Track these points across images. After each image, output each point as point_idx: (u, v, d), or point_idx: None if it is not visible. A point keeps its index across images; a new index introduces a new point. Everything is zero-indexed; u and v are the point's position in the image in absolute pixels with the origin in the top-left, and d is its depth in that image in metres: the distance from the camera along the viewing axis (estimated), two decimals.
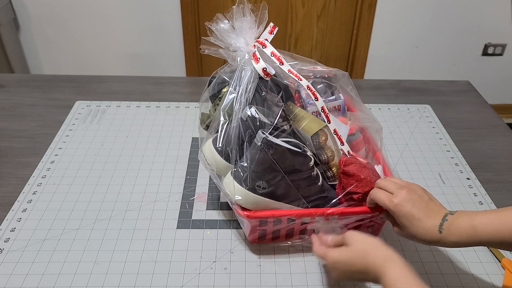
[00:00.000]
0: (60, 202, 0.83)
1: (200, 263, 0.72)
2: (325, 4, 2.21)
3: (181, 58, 2.28)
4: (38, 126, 1.05)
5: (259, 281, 0.69)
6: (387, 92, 1.24)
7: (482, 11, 2.19)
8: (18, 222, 0.78)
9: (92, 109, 1.12)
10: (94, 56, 2.29)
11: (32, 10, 2.14)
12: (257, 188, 0.67)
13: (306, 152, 0.69)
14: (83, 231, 0.77)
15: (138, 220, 0.80)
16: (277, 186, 0.67)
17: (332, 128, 0.77)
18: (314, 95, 0.76)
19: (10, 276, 0.69)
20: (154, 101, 1.16)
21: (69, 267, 0.71)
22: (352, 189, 0.70)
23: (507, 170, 0.95)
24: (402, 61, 2.34)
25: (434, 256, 0.74)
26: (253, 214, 0.68)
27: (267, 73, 0.73)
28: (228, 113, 0.73)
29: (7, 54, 2.12)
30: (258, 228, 0.72)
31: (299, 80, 0.76)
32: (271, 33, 0.76)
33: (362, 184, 0.70)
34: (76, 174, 0.90)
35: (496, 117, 1.14)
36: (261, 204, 0.68)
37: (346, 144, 0.77)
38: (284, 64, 0.76)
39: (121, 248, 0.74)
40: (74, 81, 1.25)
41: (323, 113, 0.77)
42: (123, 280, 0.69)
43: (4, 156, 0.95)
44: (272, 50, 0.75)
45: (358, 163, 0.72)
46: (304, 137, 0.75)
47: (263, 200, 0.68)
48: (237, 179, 0.68)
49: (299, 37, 2.31)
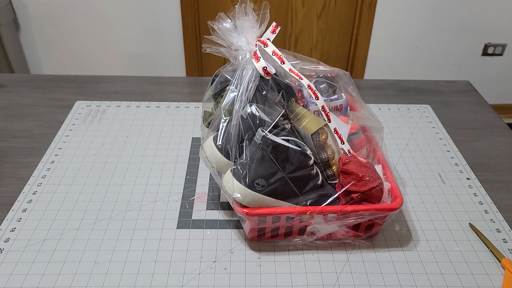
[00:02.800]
0: (60, 202, 0.83)
1: (200, 263, 0.72)
2: (325, 4, 2.21)
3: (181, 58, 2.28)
4: (38, 126, 1.05)
5: (259, 281, 0.69)
6: (387, 92, 1.24)
7: (482, 11, 2.19)
8: (18, 222, 0.78)
9: (92, 109, 1.12)
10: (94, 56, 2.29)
11: (32, 10, 2.14)
12: (256, 186, 0.67)
13: (306, 150, 0.70)
14: (83, 231, 0.77)
15: (138, 220, 0.80)
16: (276, 184, 0.67)
17: (333, 127, 0.77)
18: (315, 94, 0.77)
19: (10, 276, 0.69)
20: (154, 101, 1.16)
21: (69, 267, 0.71)
22: (350, 188, 0.70)
23: (507, 170, 0.95)
24: (402, 61, 2.34)
25: (434, 256, 0.74)
26: (252, 212, 0.68)
27: (267, 72, 0.73)
28: (229, 111, 0.73)
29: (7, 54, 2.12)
30: (257, 226, 0.72)
31: (300, 79, 0.76)
32: (274, 32, 0.76)
33: (361, 183, 0.70)
34: (76, 174, 0.90)
35: (496, 117, 1.14)
36: (260, 202, 0.68)
37: (346, 143, 0.77)
38: (286, 63, 0.76)
39: (121, 248, 0.74)
40: (74, 81, 1.25)
41: (324, 112, 0.77)
42: (123, 280, 0.69)
43: (4, 156, 0.95)
44: (273, 49, 0.76)
45: (358, 162, 0.72)
46: (304, 136, 0.75)
47: (262, 197, 0.68)
48: (236, 176, 0.68)
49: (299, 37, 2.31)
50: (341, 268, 0.72)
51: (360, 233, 0.75)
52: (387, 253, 0.75)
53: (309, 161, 0.70)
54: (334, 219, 0.71)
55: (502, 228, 0.80)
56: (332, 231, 0.74)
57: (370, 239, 0.77)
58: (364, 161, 0.74)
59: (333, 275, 0.70)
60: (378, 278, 0.70)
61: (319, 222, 0.71)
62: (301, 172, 0.69)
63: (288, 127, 0.72)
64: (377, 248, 0.76)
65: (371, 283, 0.69)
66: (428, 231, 0.79)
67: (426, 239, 0.77)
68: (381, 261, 0.73)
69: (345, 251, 0.75)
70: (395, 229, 0.79)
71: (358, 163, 0.72)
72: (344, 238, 0.76)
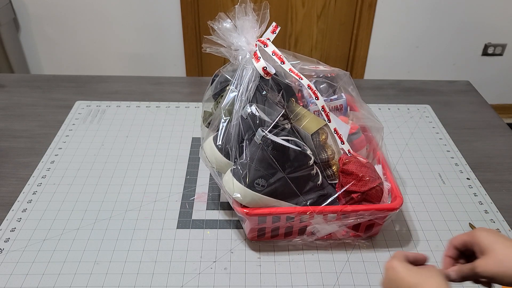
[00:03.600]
0: (60, 202, 0.83)
1: (200, 263, 0.72)
2: (325, 4, 2.21)
3: (181, 58, 2.28)
4: (38, 126, 1.05)
5: (259, 281, 0.69)
6: (387, 92, 1.24)
7: (482, 11, 2.19)
8: (18, 222, 0.78)
9: (92, 109, 1.12)
10: (94, 56, 2.29)
11: (32, 10, 2.14)
12: (256, 186, 0.67)
13: (306, 150, 0.69)
14: (83, 231, 0.77)
15: (138, 220, 0.80)
16: (276, 184, 0.67)
17: (333, 127, 0.77)
18: (315, 94, 0.77)
19: (10, 276, 0.69)
20: (154, 101, 1.16)
21: (69, 267, 0.71)
22: (350, 188, 0.70)
23: (507, 170, 0.95)
24: (402, 61, 2.34)
25: (434, 256, 0.74)
26: (252, 212, 0.68)
27: (267, 72, 0.73)
28: (228, 111, 0.73)
29: (7, 54, 2.11)
30: (257, 226, 0.72)
31: (300, 79, 0.76)
32: (274, 32, 0.76)
33: (360, 183, 0.70)
34: (76, 174, 0.90)
35: (496, 117, 1.14)
36: (260, 202, 0.68)
37: (346, 143, 0.77)
38: (286, 63, 0.76)
39: (121, 248, 0.74)
40: (74, 81, 1.25)
41: (324, 112, 0.77)
42: (123, 280, 0.69)
43: (4, 156, 0.95)
44: (273, 49, 0.76)
45: (358, 162, 0.72)
46: (304, 136, 0.75)
47: (262, 198, 0.68)
48: (236, 176, 0.68)
49: (299, 37, 2.31)
50: (341, 268, 0.72)
51: (360, 233, 0.75)
52: (387, 253, 0.75)
53: (309, 161, 0.70)
54: (334, 219, 0.71)
55: (502, 228, 0.80)
56: (332, 231, 0.74)
57: (370, 239, 0.77)
58: (364, 161, 0.73)
59: (333, 275, 0.70)
60: (378, 278, 0.70)
61: (319, 222, 0.71)
62: (301, 172, 0.69)
63: (288, 127, 0.72)
64: (377, 248, 0.76)
65: (371, 283, 0.69)
66: (428, 231, 0.79)
67: (426, 239, 0.77)
68: (381, 261, 0.73)
69: (345, 251, 0.75)
70: (395, 229, 0.79)
71: (358, 163, 0.72)
72: (344, 238, 0.76)
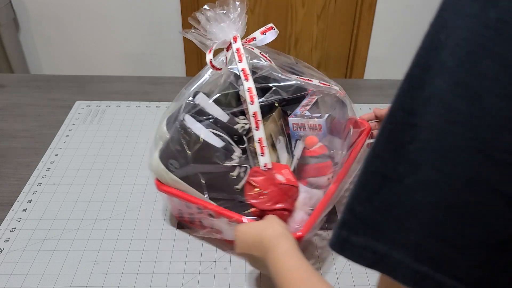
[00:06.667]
0: (60, 202, 0.83)
1: (200, 263, 0.72)
2: (325, 4, 2.21)
3: (181, 58, 2.28)
4: (38, 126, 1.05)
5: (259, 281, 0.69)
6: (387, 92, 1.24)
7: None
8: (18, 222, 0.78)
9: (92, 109, 1.11)
10: (94, 56, 2.29)
11: (32, 10, 2.14)
12: (169, 166, 0.69)
13: (229, 149, 0.69)
14: (83, 231, 0.77)
15: (138, 220, 0.80)
16: (187, 170, 0.69)
17: (258, 136, 0.71)
18: (251, 98, 0.72)
19: (10, 276, 0.69)
20: (154, 101, 1.16)
21: (69, 267, 0.71)
22: (249, 200, 0.69)
23: None
24: (402, 61, 2.34)
25: None
26: (161, 187, 0.72)
27: (213, 66, 0.74)
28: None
29: (7, 54, 2.11)
30: (176, 207, 0.75)
31: (246, 80, 0.72)
32: (263, 33, 0.75)
33: (262, 201, 0.68)
34: (76, 174, 0.90)
35: None
36: (176, 184, 0.70)
37: (267, 157, 0.70)
38: (243, 61, 0.73)
39: (121, 248, 0.74)
40: (74, 81, 1.25)
41: (254, 118, 0.71)
42: (123, 280, 0.69)
43: (4, 156, 0.95)
44: (238, 46, 0.73)
45: (270, 179, 0.68)
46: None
47: (175, 179, 0.70)
48: (159, 151, 0.71)
49: (299, 37, 2.31)
50: (341, 268, 0.72)
51: None
52: None
53: (228, 160, 0.68)
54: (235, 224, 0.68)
55: None
56: None
57: None
58: (282, 181, 0.68)
59: (333, 275, 0.70)
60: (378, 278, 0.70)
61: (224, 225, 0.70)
62: (215, 168, 0.68)
63: (246, 127, 0.72)
64: None
65: (371, 283, 0.69)
66: None
67: None
68: None
69: None
70: None
71: (269, 180, 0.68)
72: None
